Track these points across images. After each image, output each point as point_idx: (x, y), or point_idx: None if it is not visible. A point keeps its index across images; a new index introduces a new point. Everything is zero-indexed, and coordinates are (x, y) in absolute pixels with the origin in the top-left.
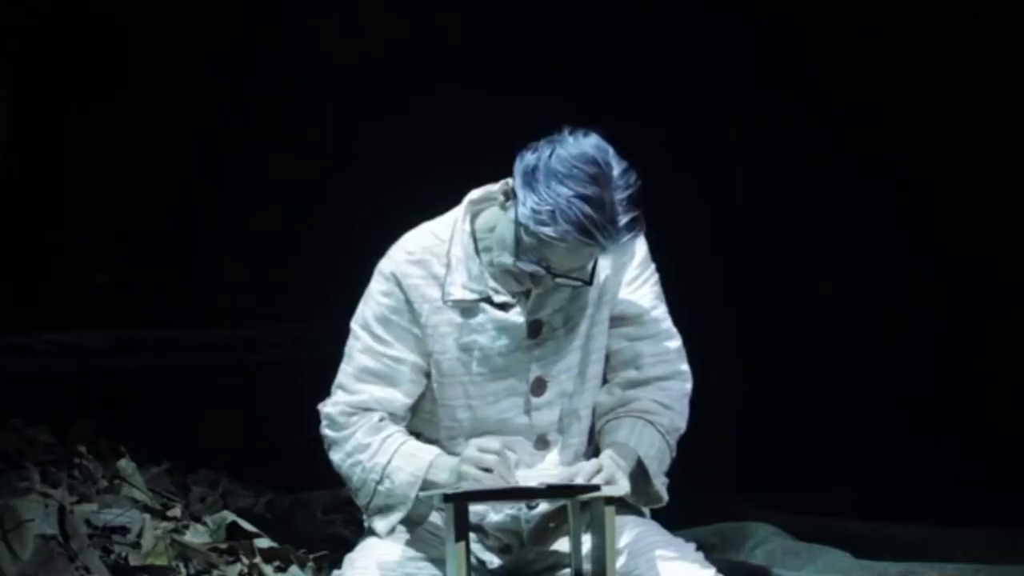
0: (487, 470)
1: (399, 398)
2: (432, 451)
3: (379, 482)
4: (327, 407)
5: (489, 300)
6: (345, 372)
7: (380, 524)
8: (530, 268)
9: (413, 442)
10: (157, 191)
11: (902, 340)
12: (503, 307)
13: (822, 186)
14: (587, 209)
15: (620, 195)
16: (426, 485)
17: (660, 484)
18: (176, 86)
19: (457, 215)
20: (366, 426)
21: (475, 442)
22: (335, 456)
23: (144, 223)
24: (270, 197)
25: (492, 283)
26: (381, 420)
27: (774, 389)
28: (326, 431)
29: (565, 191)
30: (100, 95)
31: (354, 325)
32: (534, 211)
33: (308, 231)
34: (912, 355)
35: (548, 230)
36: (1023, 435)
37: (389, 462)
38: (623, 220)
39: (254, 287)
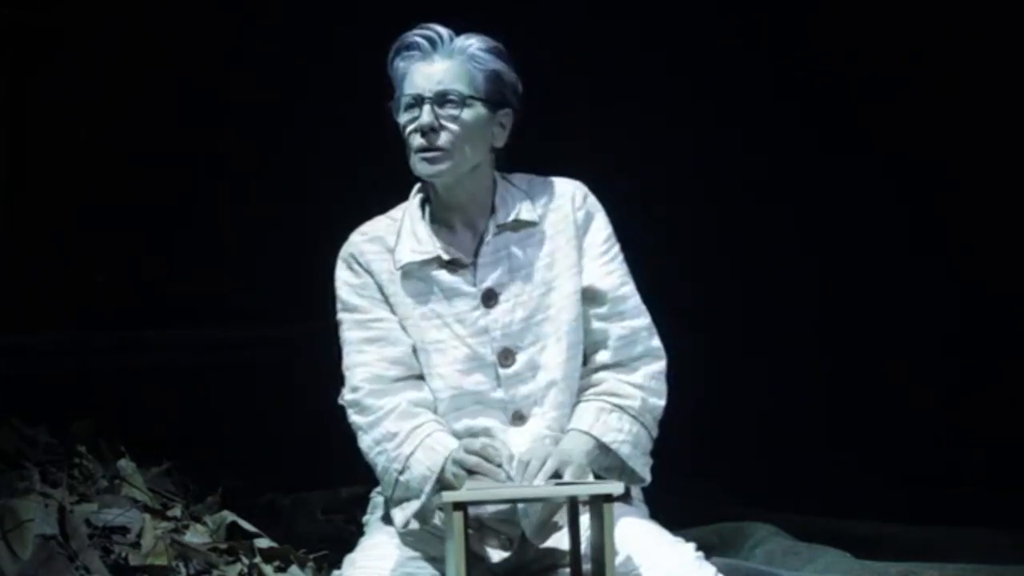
0: (472, 472)
1: (405, 352)
2: (451, 446)
3: (400, 472)
4: (348, 395)
5: (439, 260)
6: (346, 354)
7: (397, 516)
8: (408, 98)
9: (438, 434)
10: (159, 191)
11: (902, 340)
12: (454, 266)
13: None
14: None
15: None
16: (442, 480)
17: (640, 466)
18: (177, 85)
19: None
20: (396, 412)
21: (463, 443)
22: (363, 443)
23: (145, 223)
24: (272, 197)
25: (440, 243)
26: (413, 405)
27: (774, 388)
28: (354, 417)
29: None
30: (101, 94)
31: (338, 316)
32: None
33: (310, 231)
34: (912, 355)
35: (395, 60)
36: (1022, 435)
37: (412, 453)
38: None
39: (255, 287)
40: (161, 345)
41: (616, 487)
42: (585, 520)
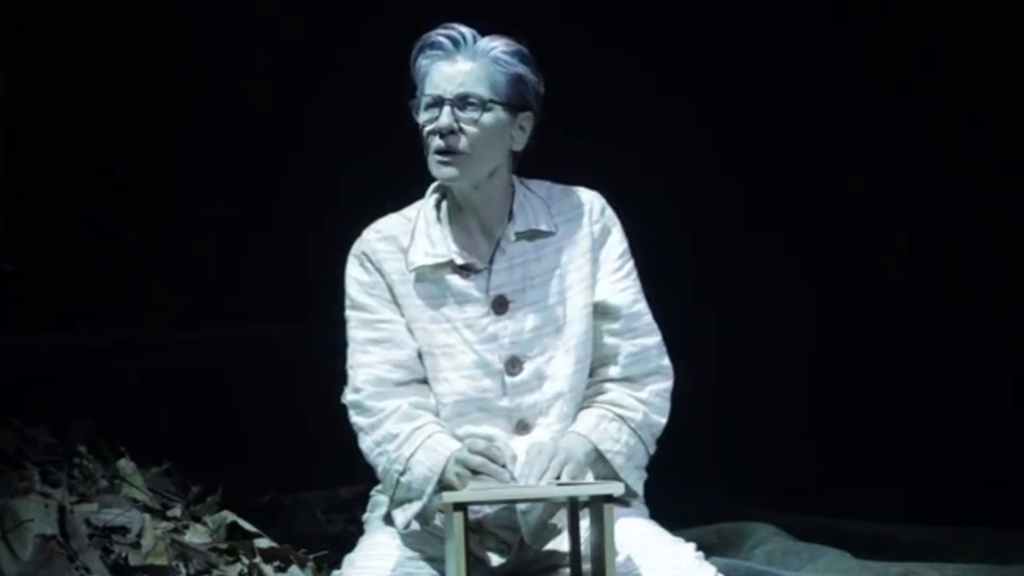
0: (477, 472)
1: (409, 356)
2: (452, 447)
3: (401, 473)
4: (350, 395)
5: (452, 265)
6: (351, 352)
7: (399, 517)
8: (428, 98)
9: (440, 435)
10: (159, 191)
11: (903, 340)
12: (467, 270)
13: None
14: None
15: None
16: (443, 481)
17: (633, 480)
18: (177, 85)
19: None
20: (397, 414)
21: (467, 443)
22: (364, 444)
23: (145, 223)
24: (273, 197)
25: (455, 247)
26: (414, 408)
27: (775, 388)
28: (356, 418)
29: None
30: (100, 94)
31: (345, 313)
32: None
33: (311, 231)
34: (911, 355)
35: (417, 59)
36: (1022, 434)
37: (412, 454)
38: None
39: (254, 288)
40: (160, 346)
41: (616, 487)
42: (585, 521)
